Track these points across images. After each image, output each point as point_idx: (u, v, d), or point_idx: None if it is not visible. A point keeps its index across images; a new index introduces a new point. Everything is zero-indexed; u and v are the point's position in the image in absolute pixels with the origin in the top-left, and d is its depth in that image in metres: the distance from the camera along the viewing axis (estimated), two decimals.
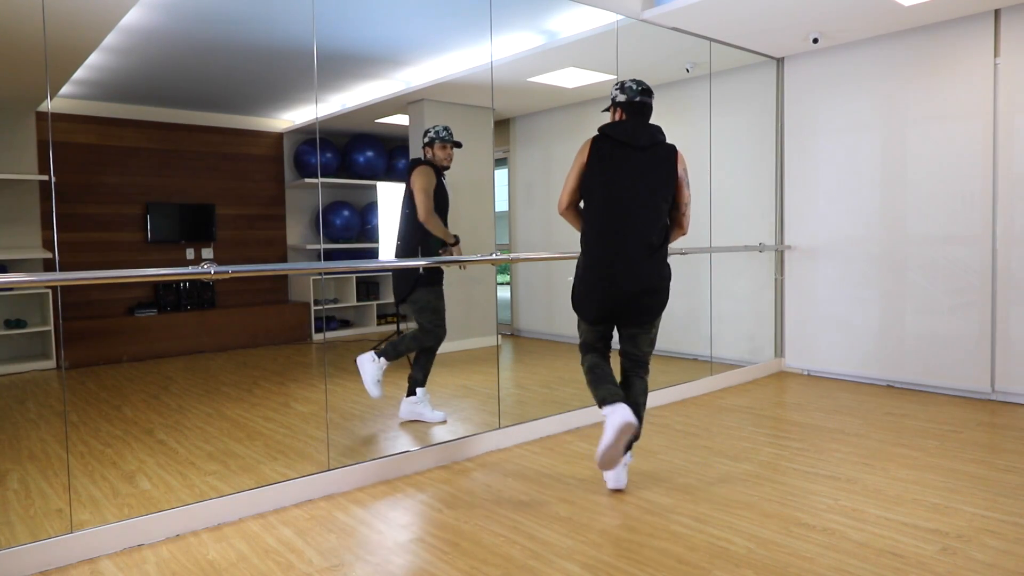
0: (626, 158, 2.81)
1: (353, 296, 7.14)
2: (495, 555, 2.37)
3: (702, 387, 4.75)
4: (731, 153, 5.38)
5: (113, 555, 2.41)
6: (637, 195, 2.79)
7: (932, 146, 4.52)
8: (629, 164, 2.80)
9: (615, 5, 4.09)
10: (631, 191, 2.79)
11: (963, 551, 2.33)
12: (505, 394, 4.48)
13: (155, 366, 5.87)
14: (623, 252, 2.79)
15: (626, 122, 2.86)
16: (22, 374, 5.45)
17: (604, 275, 2.80)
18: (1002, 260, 4.27)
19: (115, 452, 3.50)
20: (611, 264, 2.79)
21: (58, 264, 3.52)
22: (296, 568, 2.30)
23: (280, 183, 7.40)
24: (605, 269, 2.80)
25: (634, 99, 2.88)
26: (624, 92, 2.89)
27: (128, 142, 6.42)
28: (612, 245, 2.79)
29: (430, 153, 3.85)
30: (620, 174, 2.79)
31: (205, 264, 2.52)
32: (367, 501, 2.88)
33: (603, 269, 2.80)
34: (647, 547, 2.41)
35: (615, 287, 2.79)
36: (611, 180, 2.79)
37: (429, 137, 3.84)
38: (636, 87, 2.89)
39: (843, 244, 4.99)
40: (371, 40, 4.67)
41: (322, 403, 4.43)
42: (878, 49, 4.74)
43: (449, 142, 3.85)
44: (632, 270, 2.79)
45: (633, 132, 2.83)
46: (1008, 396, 4.27)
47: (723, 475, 3.11)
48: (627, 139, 2.81)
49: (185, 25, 4.25)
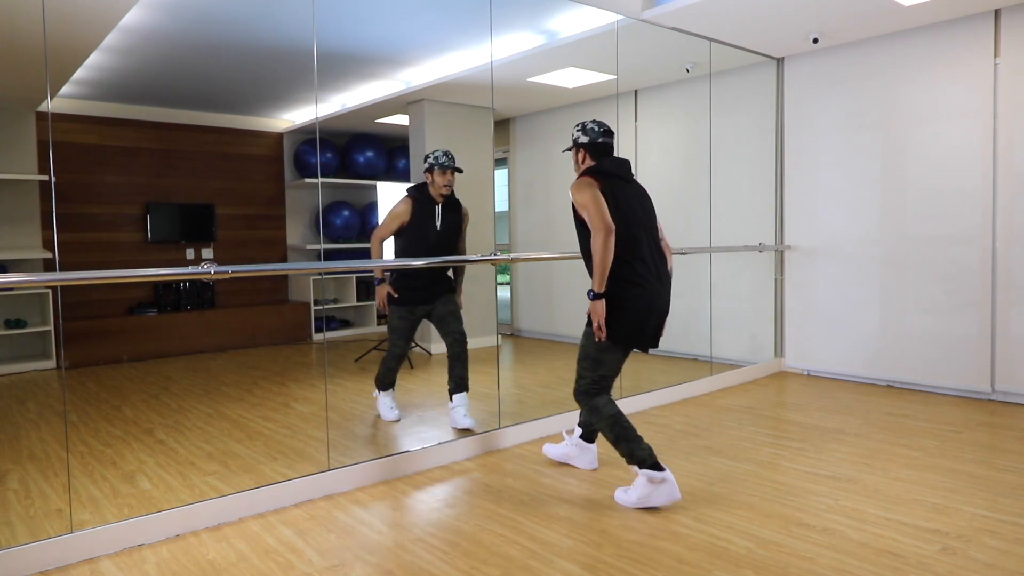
0: (628, 192, 2.91)
1: (353, 296, 7.14)
2: (495, 555, 2.37)
3: (702, 387, 4.75)
4: (731, 153, 5.38)
5: (113, 555, 2.41)
6: (644, 224, 2.92)
7: (932, 146, 4.52)
8: (632, 197, 2.91)
9: (615, 5, 4.09)
10: (642, 221, 2.91)
11: (963, 551, 2.33)
12: (505, 394, 4.48)
13: (155, 366, 5.87)
14: (657, 278, 2.89)
15: (611, 159, 2.95)
16: (22, 374, 5.44)
17: (653, 303, 2.85)
18: (1002, 260, 4.27)
19: (115, 452, 3.50)
20: (655, 291, 2.87)
21: (58, 264, 3.52)
22: (296, 568, 2.30)
23: (280, 183, 7.40)
24: (653, 298, 2.85)
25: (597, 140, 2.98)
26: (587, 134, 2.98)
27: (128, 142, 6.42)
28: (650, 273, 2.86)
29: (429, 179, 3.78)
30: (631, 207, 2.88)
31: (205, 264, 2.52)
32: (367, 501, 2.88)
33: (651, 299, 2.85)
34: (647, 547, 2.41)
35: (660, 313, 2.90)
36: (627, 213, 2.86)
37: (428, 163, 3.77)
38: (599, 128, 2.99)
39: (843, 244, 4.99)
40: (371, 40, 4.67)
41: (322, 403, 4.43)
42: (878, 49, 4.74)
43: (449, 168, 3.76)
44: (664, 295, 2.92)
45: (622, 166, 2.95)
46: (1008, 396, 4.27)
47: (723, 475, 3.11)
48: (623, 174, 2.93)
49: (185, 25, 4.25)
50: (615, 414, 2.83)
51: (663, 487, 2.71)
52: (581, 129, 3.00)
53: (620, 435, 2.79)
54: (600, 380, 2.91)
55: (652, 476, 2.71)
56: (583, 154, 3.00)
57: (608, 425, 2.82)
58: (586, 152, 3.00)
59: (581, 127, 3.00)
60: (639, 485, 2.73)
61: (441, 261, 3.57)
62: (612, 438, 2.81)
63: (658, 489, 2.71)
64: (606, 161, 2.94)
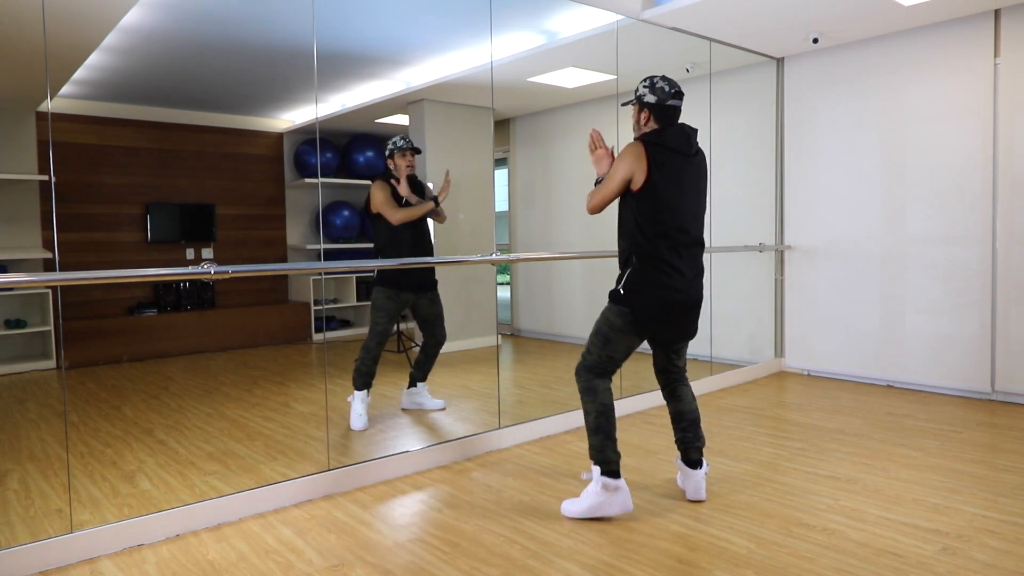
0: (681, 167, 2.67)
1: (353, 296, 7.14)
2: (495, 555, 2.37)
3: (702, 387, 4.75)
4: (731, 153, 5.38)
5: (113, 555, 2.41)
6: (691, 205, 2.71)
7: (932, 146, 4.52)
8: (685, 174, 2.68)
9: (615, 5, 4.09)
10: (688, 202, 2.69)
11: (963, 551, 2.33)
12: (505, 394, 4.48)
13: (155, 366, 5.87)
14: (690, 263, 2.71)
15: (675, 129, 2.69)
16: (22, 374, 5.44)
17: (680, 288, 2.66)
18: (1002, 260, 4.27)
19: (115, 452, 3.50)
20: (684, 276, 2.68)
21: (58, 264, 3.52)
22: (296, 568, 2.30)
23: (280, 183, 7.40)
24: (680, 282, 2.66)
25: (665, 102, 2.69)
26: (655, 93, 2.69)
27: (128, 142, 6.42)
28: (684, 257, 2.68)
29: (392, 164, 3.95)
30: (680, 185, 2.66)
31: (205, 264, 2.52)
32: (367, 501, 2.88)
33: (679, 282, 2.66)
34: (647, 547, 2.41)
35: (689, 300, 2.70)
36: (674, 192, 2.64)
37: (389, 149, 3.96)
38: (669, 89, 2.69)
39: (843, 244, 4.99)
40: (371, 40, 4.67)
41: (322, 403, 4.43)
42: (878, 49, 4.74)
43: (408, 150, 3.93)
44: (696, 282, 2.74)
45: (687, 140, 2.68)
46: (1008, 396, 4.27)
47: (723, 475, 3.10)
48: (682, 148, 2.67)
49: (185, 25, 4.25)
50: (609, 405, 2.67)
51: (618, 496, 2.62)
52: (649, 86, 2.70)
53: (602, 427, 2.63)
54: (607, 361, 2.70)
55: (608, 483, 2.60)
56: (647, 115, 2.71)
57: (597, 411, 2.65)
58: (650, 113, 2.70)
59: (650, 83, 2.70)
60: (593, 493, 2.62)
61: (440, 261, 3.57)
62: (593, 426, 2.64)
63: (613, 498, 2.61)
64: (670, 133, 2.66)
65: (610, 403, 2.68)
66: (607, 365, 2.71)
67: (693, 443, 2.80)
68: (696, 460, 2.81)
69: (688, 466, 2.82)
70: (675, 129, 2.69)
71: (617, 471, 2.63)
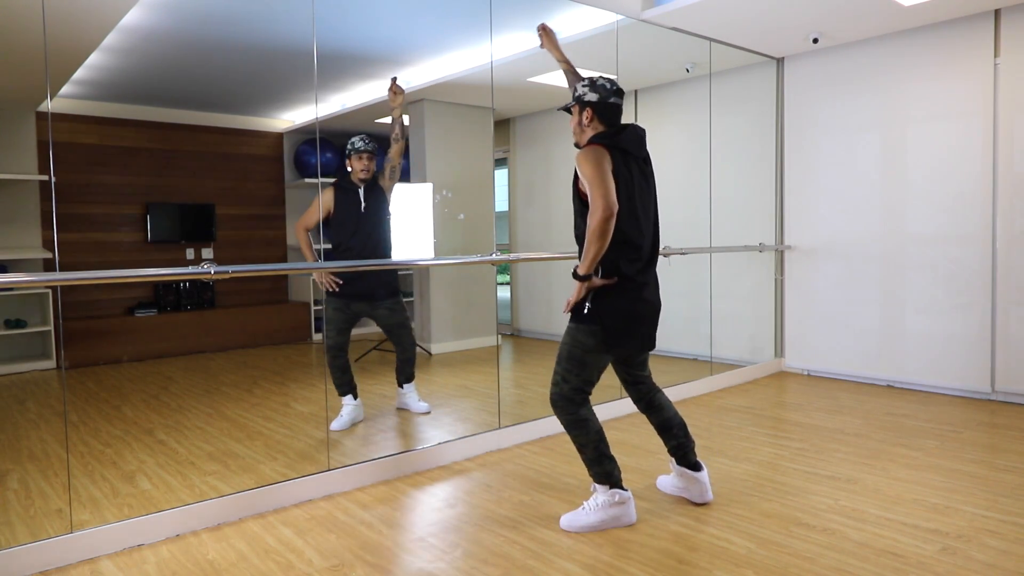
0: (641, 172, 2.59)
1: None
2: (495, 555, 2.37)
3: (702, 387, 4.75)
4: (731, 153, 5.38)
5: (113, 555, 2.41)
6: (648, 211, 2.60)
7: (932, 146, 4.52)
8: (639, 178, 2.58)
9: (615, 5, 4.09)
10: (644, 208, 2.58)
11: (963, 551, 2.33)
12: (505, 394, 4.48)
13: (155, 366, 5.87)
14: (653, 273, 2.62)
15: (628, 131, 2.58)
16: (22, 374, 5.44)
17: (648, 298, 2.58)
18: (1002, 260, 4.27)
19: (115, 452, 3.50)
20: (648, 285, 2.59)
21: (58, 264, 3.52)
22: (296, 568, 2.30)
23: (280, 183, 7.39)
24: (647, 291, 2.58)
25: (607, 100, 2.58)
26: (596, 91, 2.58)
27: (128, 142, 6.42)
28: (647, 267, 2.58)
29: (349, 165, 3.83)
30: (640, 191, 2.57)
31: (205, 264, 2.52)
32: (367, 501, 2.88)
33: (645, 291, 2.57)
34: (647, 547, 2.41)
35: (656, 309, 2.62)
36: (638, 203, 2.54)
37: (347, 151, 3.84)
38: (610, 87, 2.60)
39: (843, 244, 4.99)
40: (371, 40, 4.67)
41: (322, 403, 4.43)
42: (878, 49, 4.74)
43: (364, 151, 3.78)
44: (657, 290, 2.66)
45: (639, 142, 2.59)
46: (1008, 396, 4.27)
47: (723, 475, 3.10)
48: (634, 150, 2.56)
49: (185, 25, 4.25)
50: (600, 429, 2.58)
51: (629, 506, 2.58)
52: (589, 85, 2.59)
53: (601, 451, 2.55)
54: (585, 385, 2.57)
55: (622, 496, 2.56)
56: (589, 113, 2.59)
57: (593, 442, 2.55)
58: (593, 112, 2.59)
59: (589, 82, 2.60)
60: (603, 504, 2.55)
61: (442, 262, 3.57)
62: (593, 456, 2.55)
63: (625, 509, 2.57)
64: (624, 135, 2.54)
65: (600, 426, 2.59)
66: (586, 389, 2.59)
67: (690, 447, 2.78)
68: (697, 462, 2.78)
69: (691, 470, 2.77)
70: (628, 131, 2.57)
71: (621, 482, 2.60)
